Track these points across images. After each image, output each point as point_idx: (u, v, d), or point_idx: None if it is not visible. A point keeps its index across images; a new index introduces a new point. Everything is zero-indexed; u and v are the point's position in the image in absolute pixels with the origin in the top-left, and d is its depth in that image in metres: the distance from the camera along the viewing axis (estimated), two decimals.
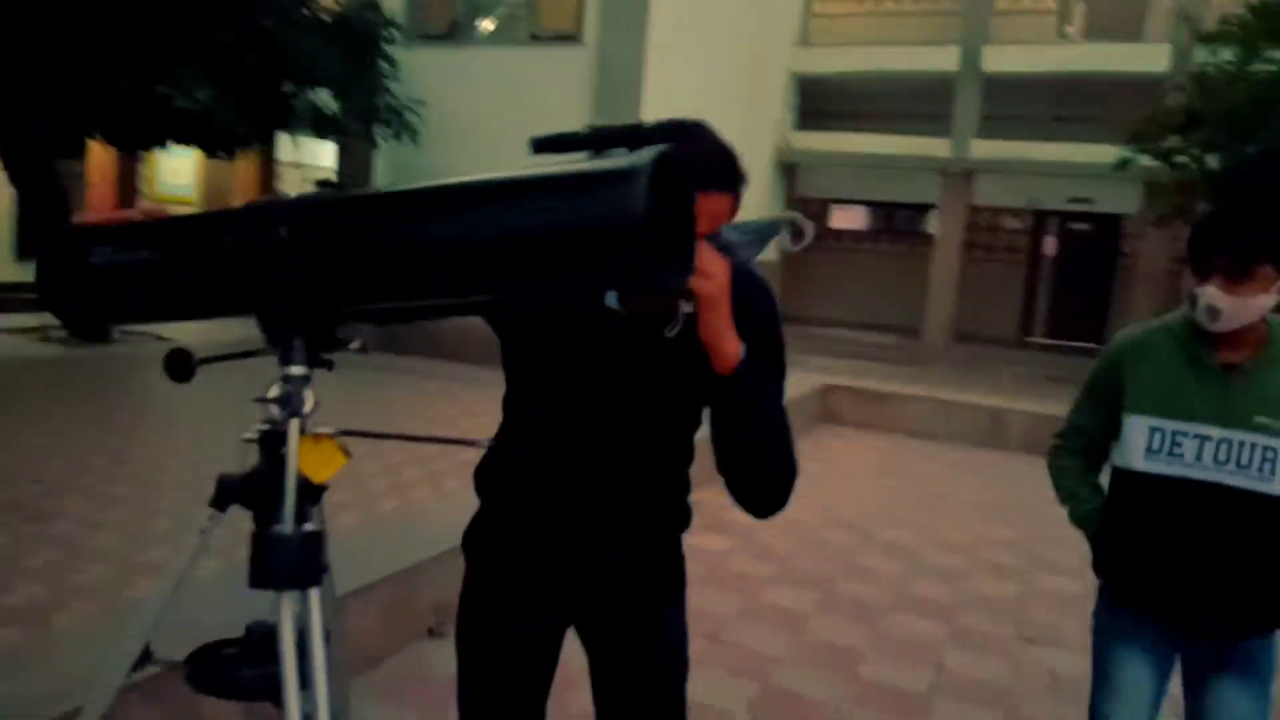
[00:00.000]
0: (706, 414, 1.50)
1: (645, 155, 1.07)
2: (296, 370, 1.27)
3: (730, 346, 1.33)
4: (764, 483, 1.42)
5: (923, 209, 16.23)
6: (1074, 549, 5.58)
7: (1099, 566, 2.10)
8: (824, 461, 7.51)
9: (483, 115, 10.18)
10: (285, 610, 1.29)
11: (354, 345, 1.32)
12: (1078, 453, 2.13)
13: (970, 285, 14.38)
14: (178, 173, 14.35)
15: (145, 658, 1.40)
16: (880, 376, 10.28)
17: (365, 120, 9.46)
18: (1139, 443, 1.93)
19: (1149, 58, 12.91)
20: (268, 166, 14.91)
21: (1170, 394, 1.91)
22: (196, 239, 1.34)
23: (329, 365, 1.33)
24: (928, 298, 13.98)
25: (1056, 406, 9.07)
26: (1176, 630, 1.98)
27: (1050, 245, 15.92)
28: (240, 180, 15.03)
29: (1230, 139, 9.43)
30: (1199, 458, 1.87)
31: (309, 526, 1.30)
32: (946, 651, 3.94)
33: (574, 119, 9.91)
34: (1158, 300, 12.97)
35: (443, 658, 3.42)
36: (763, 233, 1.42)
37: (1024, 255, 15.93)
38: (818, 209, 16.56)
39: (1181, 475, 1.89)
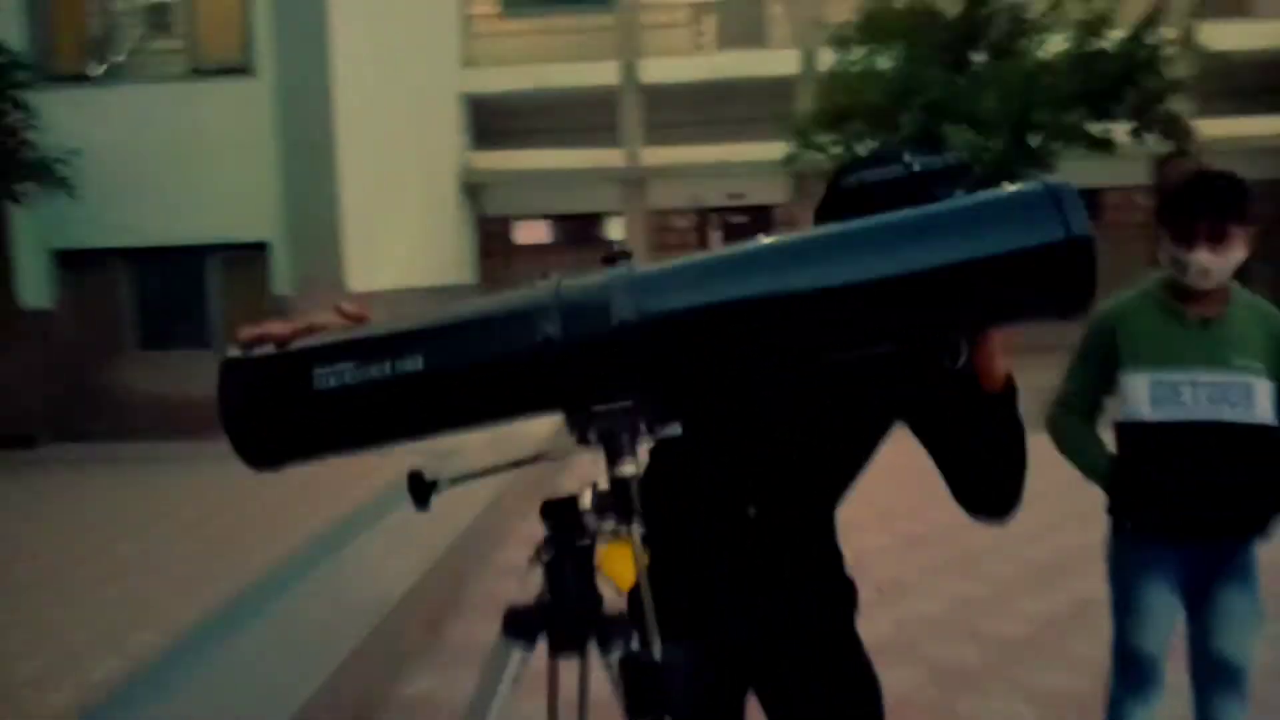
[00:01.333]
0: None
1: (1057, 179, 1.04)
2: (629, 470, 1.06)
3: (1003, 366, 1.33)
4: (1015, 487, 1.43)
5: (602, 216, 16.90)
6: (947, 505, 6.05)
7: (1118, 510, 2.34)
8: None
9: (149, 158, 9.07)
10: None
11: (669, 431, 1.13)
12: (1079, 412, 2.37)
13: None
14: None
15: None
16: None
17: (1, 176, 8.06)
18: (1144, 395, 2.20)
19: (780, 62, 14.41)
20: None
21: (1163, 350, 2.20)
22: (482, 340, 1.09)
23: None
24: None
25: None
26: (1186, 550, 2.27)
27: (715, 240, 17.23)
28: None
29: (874, 129, 10.80)
30: (1195, 400, 2.16)
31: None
32: (979, 621, 4.14)
33: (255, 154, 9.12)
34: None
35: None
36: None
37: (694, 250, 17.08)
38: (503, 227, 16.62)
39: (1185, 419, 2.17)
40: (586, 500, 1.10)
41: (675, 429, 1.11)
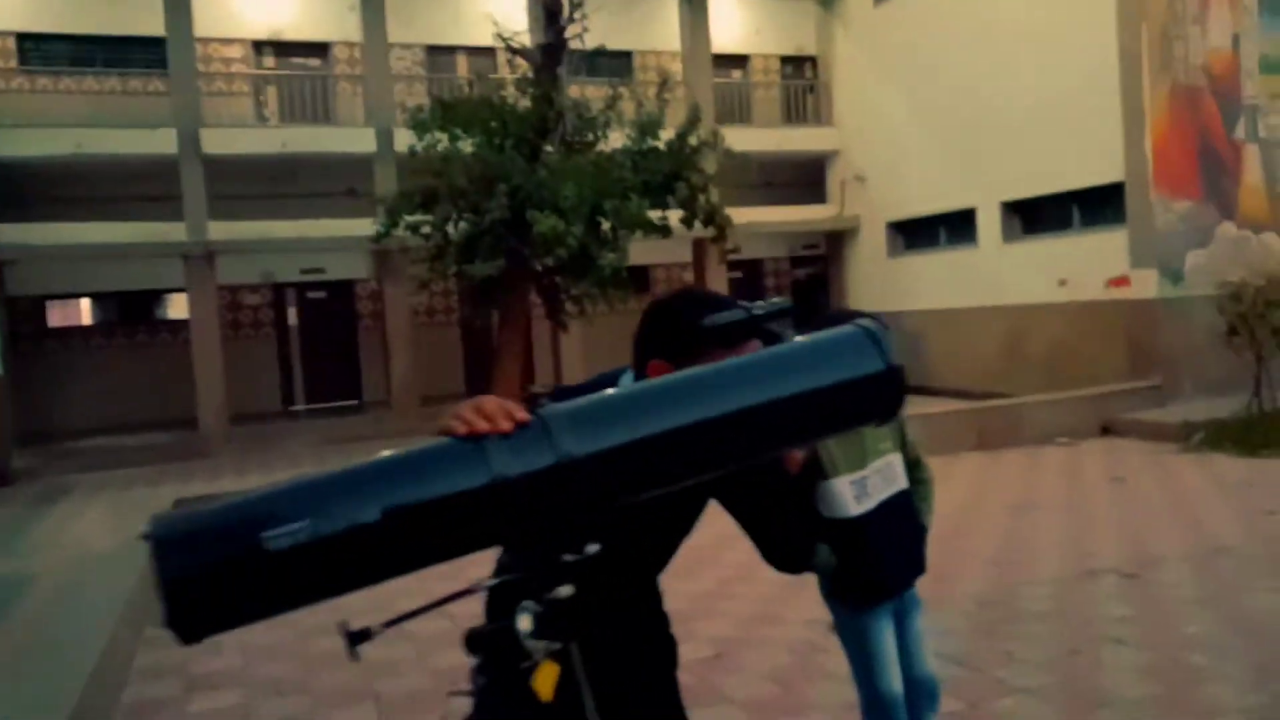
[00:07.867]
0: None
1: (870, 322, 1.39)
2: (566, 591, 1.18)
3: (800, 455, 1.65)
4: (811, 546, 1.77)
5: (162, 294, 15.41)
6: None
7: (851, 591, 2.66)
8: None
9: None
10: None
11: (592, 549, 1.29)
12: None
13: (228, 364, 14.01)
14: None
15: None
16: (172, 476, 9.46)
17: None
18: (848, 496, 2.55)
19: (354, 140, 14.32)
20: None
21: (848, 453, 2.54)
22: (435, 481, 1.13)
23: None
24: (197, 385, 13.34)
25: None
26: (892, 599, 2.68)
27: (293, 315, 16.48)
28: None
29: (463, 212, 11.16)
30: (875, 488, 2.58)
31: None
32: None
33: None
34: (411, 349, 14.56)
35: None
36: None
37: (271, 328, 16.19)
38: (32, 307, 14.40)
39: (875, 504, 2.58)
40: (525, 625, 1.17)
41: (596, 548, 1.22)
